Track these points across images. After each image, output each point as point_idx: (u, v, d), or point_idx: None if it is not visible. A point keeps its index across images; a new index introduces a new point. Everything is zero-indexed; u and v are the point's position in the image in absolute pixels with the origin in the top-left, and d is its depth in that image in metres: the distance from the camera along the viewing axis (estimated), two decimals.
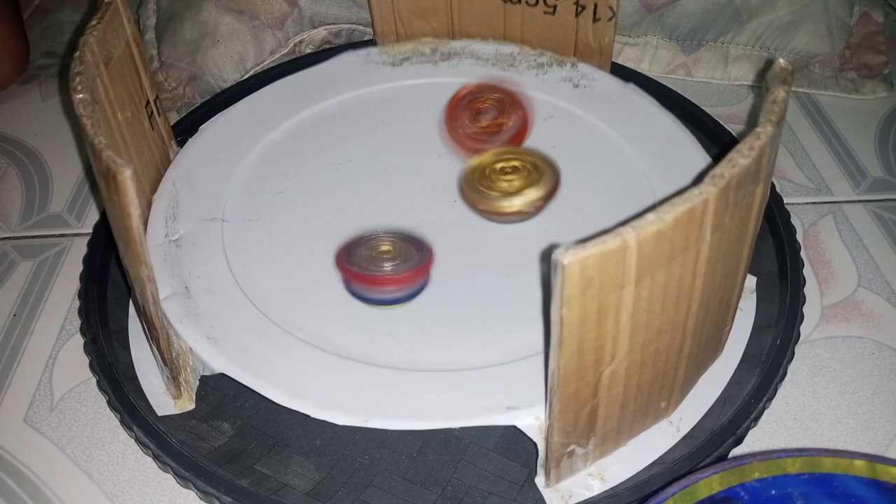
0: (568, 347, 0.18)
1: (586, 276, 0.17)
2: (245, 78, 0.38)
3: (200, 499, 0.23)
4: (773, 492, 0.17)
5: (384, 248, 0.26)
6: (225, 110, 0.33)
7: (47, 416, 0.27)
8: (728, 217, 0.19)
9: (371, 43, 0.37)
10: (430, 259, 0.26)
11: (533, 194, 0.27)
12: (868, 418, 0.26)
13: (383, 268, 0.25)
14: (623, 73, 0.36)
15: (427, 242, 0.27)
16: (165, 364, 0.25)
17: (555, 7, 0.33)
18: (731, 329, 0.26)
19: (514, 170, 0.28)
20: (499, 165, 0.28)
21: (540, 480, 0.22)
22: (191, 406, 0.25)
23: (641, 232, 0.17)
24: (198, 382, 0.25)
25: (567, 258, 0.16)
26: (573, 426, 0.21)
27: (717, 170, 0.18)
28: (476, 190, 0.27)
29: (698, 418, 0.24)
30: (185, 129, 0.33)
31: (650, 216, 0.17)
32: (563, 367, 0.18)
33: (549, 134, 0.32)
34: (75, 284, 0.29)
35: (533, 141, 0.32)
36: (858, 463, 0.17)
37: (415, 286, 0.26)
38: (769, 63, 0.37)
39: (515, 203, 0.27)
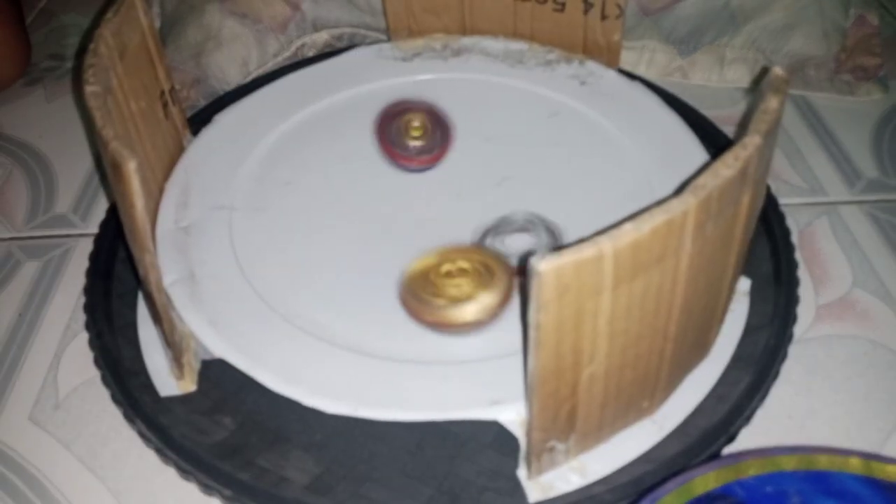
0: (545, 350, 0.18)
1: (562, 282, 0.17)
2: (248, 81, 0.38)
3: (202, 492, 0.23)
4: (769, 489, 0.17)
5: (415, 125, 0.30)
6: (238, 102, 0.34)
7: (52, 414, 0.27)
8: (711, 226, 0.19)
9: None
10: (450, 140, 0.31)
11: (487, 300, 0.23)
12: (863, 416, 0.26)
13: (411, 146, 0.30)
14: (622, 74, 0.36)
15: (451, 123, 0.31)
16: (169, 346, 0.25)
17: (564, 5, 0.34)
18: (719, 331, 0.26)
19: (462, 272, 0.24)
20: (444, 268, 0.24)
21: (521, 472, 0.23)
22: (192, 387, 0.26)
23: (618, 242, 0.17)
24: (199, 365, 0.26)
25: (542, 265, 0.16)
26: (552, 423, 0.21)
27: (700, 180, 0.18)
28: (420, 299, 0.23)
29: (682, 417, 0.24)
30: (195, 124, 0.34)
31: (627, 226, 0.17)
32: (541, 368, 0.19)
33: (554, 130, 0.33)
34: (80, 284, 0.30)
35: (537, 138, 0.33)
36: (854, 460, 0.17)
37: (435, 164, 0.31)
38: (765, 70, 0.38)
39: (468, 311, 0.23)
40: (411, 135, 0.30)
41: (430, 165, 0.31)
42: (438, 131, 0.31)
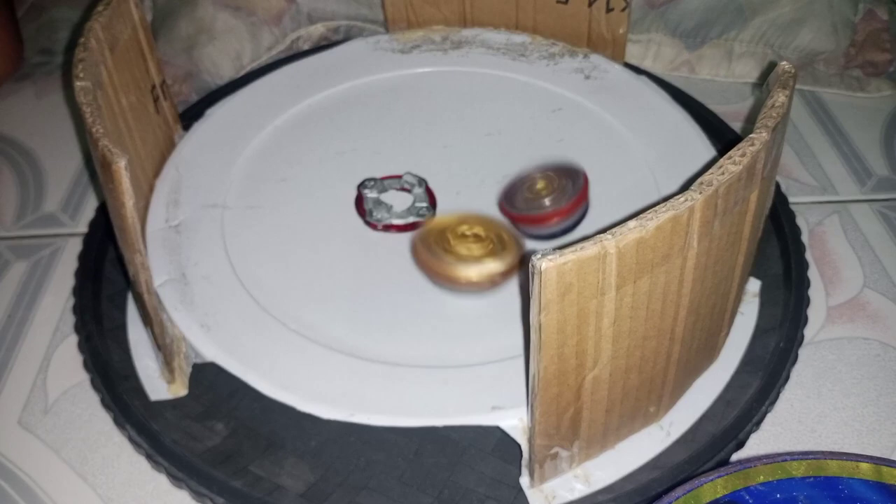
0: (547, 352, 0.18)
1: (564, 282, 0.16)
2: (241, 75, 0.38)
3: (194, 499, 0.23)
4: (778, 495, 0.17)
5: (540, 185, 0.27)
6: (231, 96, 0.33)
7: (41, 419, 0.26)
8: (718, 224, 0.18)
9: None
10: (586, 185, 0.27)
11: (492, 266, 0.24)
12: (874, 420, 0.26)
13: (543, 205, 0.26)
14: (628, 69, 0.35)
15: (580, 169, 0.27)
16: (160, 349, 0.25)
17: None
18: (727, 334, 0.25)
19: (477, 237, 0.25)
20: (461, 229, 0.26)
21: (524, 481, 0.22)
22: (183, 392, 0.25)
23: (621, 239, 0.16)
24: (191, 369, 0.25)
25: (544, 264, 0.16)
26: (556, 429, 0.20)
27: (705, 177, 0.17)
28: (431, 250, 0.25)
29: (690, 423, 0.24)
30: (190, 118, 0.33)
31: (631, 223, 0.16)
32: (543, 372, 0.18)
33: (557, 125, 0.32)
34: (70, 285, 0.29)
35: (540, 133, 0.32)
36: (864, 466, 0.17)
37: (576, 215, 0.27)
38: (773, 65, 0.37)
39: (471, 272, 0.24)
40: (537, 194, 0.27)
41: (572, 216, 0.27)
42: (565, 180, 0.27)
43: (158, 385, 0.25)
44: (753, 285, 0.27)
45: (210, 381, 0.25)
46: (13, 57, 0.41)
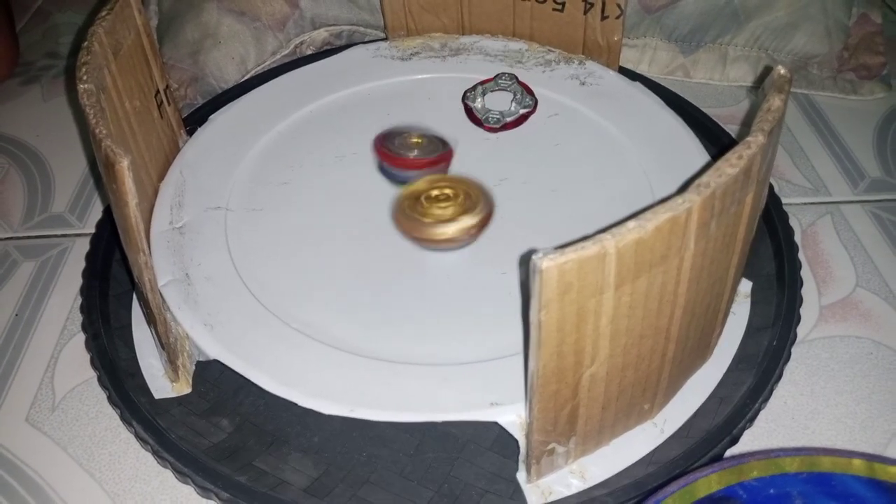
0: (546, 349, 0.18)
1: (564, 281, 0.17)
2: (246, 79, 0.38)
3: (199, 495, 0.23)
4: (772, 491, 0.17)
5: (415, 139, 0.30)
6: (234, 101, 0.34)
7: (49, 416, 0.27)
8: (714, 225, 0.19)
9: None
10: (449, 154, 0.30)
11: (467, 221, 0.27)
12: (866, 418, 0.26)
13: (411, 152, 0.29)
14: (623, 73, 0.36)
15: (451, 144, 0.30)
16: (164, 348, 0.25)
17: (563, 4, 0.34)
18: (721, 333, 0.26)
19: (448, 197, 0.28)
20: (433, 193, 0.28)
21: (521, 476, 0.23)
22: (187, 390, 0.25)
23: (621, 239, 0.17)
24: (194, 367, 0.25)
25: (545, 263, 0.16)
26: (553, 425, 0.21)
27: (703, 179, 0.18)
28: (409, 217, 0.27)
29: (683, 420, 0.24)
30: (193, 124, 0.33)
31: (630, 223, 0.17)
32: (542, 369, 0.19)
33: (553, 131, 0.33)
34: (77, 284, 0.29)
35: (537, 138, 0.33)
36: (857, 462, 0.17)
37: (433, 171, 0.29)
38: (768, 69, 0.38)
39: (449, 230, 0.27)
40: (410, 144, 0.30)
41: (427, 172, 0.30)
42: (437, 144, 0.30)
43: (163, 384, 0.26)
44: (745, 286, 0.28)
45: (215, 378, 0.26)
46: (9, 60, 0.41)
